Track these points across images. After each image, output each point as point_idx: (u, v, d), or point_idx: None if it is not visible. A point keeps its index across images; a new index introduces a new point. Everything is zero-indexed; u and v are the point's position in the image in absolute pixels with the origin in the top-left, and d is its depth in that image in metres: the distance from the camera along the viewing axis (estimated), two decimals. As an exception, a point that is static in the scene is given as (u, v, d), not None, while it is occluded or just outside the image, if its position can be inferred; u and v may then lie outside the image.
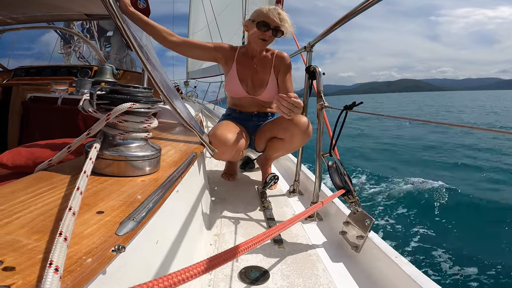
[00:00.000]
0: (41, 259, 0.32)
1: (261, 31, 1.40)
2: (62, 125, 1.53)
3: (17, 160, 0.77)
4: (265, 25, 1.39)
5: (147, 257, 0.53)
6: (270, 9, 1.39)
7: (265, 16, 1.39)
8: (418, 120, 0.93)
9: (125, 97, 0.64)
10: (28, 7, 1.60)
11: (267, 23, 1.39)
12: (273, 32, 1.41)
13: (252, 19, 1.44)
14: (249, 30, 1.47)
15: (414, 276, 0.75)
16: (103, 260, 0.35)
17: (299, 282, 0.83)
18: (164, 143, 1.03)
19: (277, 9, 1.40)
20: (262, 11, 1.41)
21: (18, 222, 0.39)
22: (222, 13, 5.86)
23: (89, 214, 0.45)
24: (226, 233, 1.12)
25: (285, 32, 1.43)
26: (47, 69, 2.37)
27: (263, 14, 1.39)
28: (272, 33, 1.41)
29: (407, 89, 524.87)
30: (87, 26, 4.24)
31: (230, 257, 0.42)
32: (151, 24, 1.29)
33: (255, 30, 1.41)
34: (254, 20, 1.42)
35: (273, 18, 1.38)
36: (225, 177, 1.78)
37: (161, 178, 0.66)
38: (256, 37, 1.43)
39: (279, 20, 1.39)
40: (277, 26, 1.40)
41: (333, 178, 1.12)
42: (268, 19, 1.38)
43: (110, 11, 0.76)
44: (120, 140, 0.65)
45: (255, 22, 1.41)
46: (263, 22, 1.39)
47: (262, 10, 1.41)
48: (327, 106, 1.28)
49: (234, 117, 1.64)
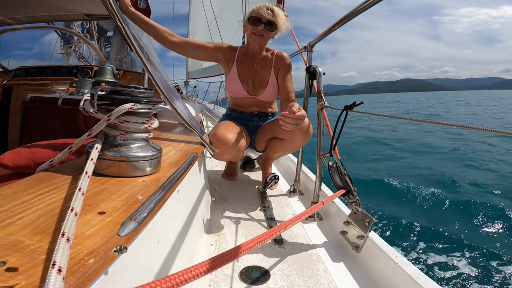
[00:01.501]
0: (44, 259, 0.32)
1: (254, 26, 1.43)
2: (62, 125, 1.53)
3: (18, 161, 0.77)
4: (256, 20, 1.42)
5: (148, 257, 0.53)
6: (261, 6, 1.43)
7: (256, 12, 1.43)
8: (418, 120, 0.92)
9: (126, 97, 0.64)
10: (28, 7, 1.60)
11: (259, 18, 1.42)
12: (266, 26, 1.43)
13: (247, 18, 1.48)
14: (246, 30, 1.51)
15: (414, 276, 0.76)
16: (105, 260, 0.36)
17: (300, 282, 0.83)
18: (165, 144, 1.03)
19: (268, 5, 1.43)
20: (254, 8, 1.45)
21: (21, 222, 0.39)
22: (222, 13, 5.85)
23: (90, 214, 0.45)
24: (227, 233, 1.12)
25: (279, 26, 1.45)
26: (47, 69, 2.37)
27: (255, 10, 1.44)
28: (264, 27, 1.43)
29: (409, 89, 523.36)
30: (87, 26, 4.23)
31: (232, 258, 0.43)
32: (152, 25, 1.29)
33: (249, 27, 1.45)
34: (249, 19, 1.45)
35: (263, 12, 1.41)
36: (225, 177, 1.78)
37: (162, 179, 0.66)
38: (250, 32, 1.46)
39: (271, 14, 1.42)
40: (269, 20, 1.42)
41: (333, 178, 1.12)
42: (258, 14, 1.42)
43: (110, 11, 0.76)
44: (121, 140, 0.65)
45: (248, 19, 1.45)
46: (254, 17, 1.43)
47: (254, 7, 1.45)
48: (328, 106, 1.28)
49: (234, 117, 1.64)
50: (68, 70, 2.36)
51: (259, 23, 1.42)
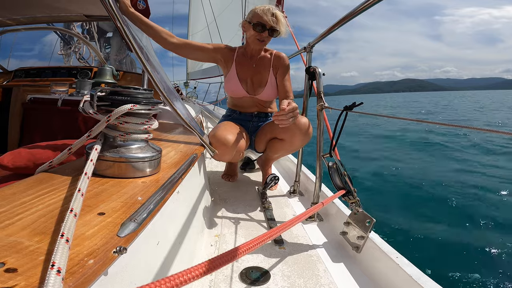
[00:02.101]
0: (43, 260, 0.32)
1: (258, 32, 1.43)
2: (62, 126, 1.53)
3: (18, 162, 0.77)
4: (261, 26, 1.42)
5: (148, 258, 0.53)
6: (264, 10, 1.41)
7: (260, 17, 1.42)
8: (417, 121, 0.92)
9: (125, 98, 0.64)
10: (28, 8, 1.60)
11: (263, 24, 1.42)
12: (270, 33, 1.44)
13: (248, 20, 1.47)
14: (246, 31, 1.50)
15: (415, 277, 0.75)
16: (105, 261, 0.36)
17: (300, 283, 0.83)
18: (165, 144, 1.03)
19: (271, 9, 1.42)
20: (257, 12, 1.43)
21: (20, 223, 0.39)
22: (222, 13, 5.86)
23: (90, 215, 0.45)
24: (227, 233, 1.12)
25: (281, 32, 1.46)
26: (47, 70, 2.37)
27: (258, 15, 1.42)
28: (268, 33, 1.44)
29: (410, 89, 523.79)
30: (87, 27, 4.23)
31: (232, 258, 0.42)
32: (151, 26, 1.29)
33: (252, 31, 1.45)
34: (251, 22, 1.45)
35: (268, 19, 1.40)
36: (225, 178, 1.78)
37: (161, 179, 0.66)
38: (254, 38, 1.47)
39: (275, 21, 1.41)
40: (273, 26, 1.42)
41: (333, 179, 1.12)
42: (263, 20, 1.41)
43: (110, 12, 0.76)
44: (120, 141, 0.65)
45: (252, 24, 1.44)
46: (259, 23, 1.42)
47: (256, 11, 1.44)
48: (327, 107, 1.28)
49: (234, 117, 1.64)
50: (67, 71, 2.36)
51: (263, 29, 1.42)
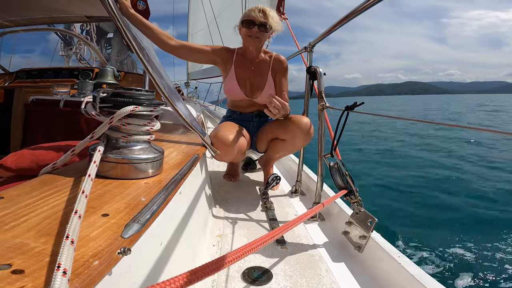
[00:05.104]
0: (49, 262, 0.33)
1: (247, 29, 1.44)
2: (64, 127, 1.54)
3: (21, 163, 0.78)
4: (249, 22, 1.43)
5: (151, 258, 0.54)
6: (252, 8, 1.44)
7: (247, 15, 1.44)
8: (417, 121, 0.92)
9: (127, 100, 0.64)
10: (28, 10, 1.60)
11: (251, 20, 1.43)
12: (259, 28, 1.44)
13: (240, 22, 1.49)
14: (240, 32, 1.52)
15: (418, 276, 0.75)
16: (110, 262, 0.36)
17: (302, 282, 0.83)
18: (167, 145, 1.04)
19: (259, 6, 1.43)
20: (246, 11, 1.46)
21: (25, 225, 0.40)
22: (222, 13, 5.85)
23: (94, 217, 0.45)
24: (229, 234, 1.12)
25: (273, 27, 1.45)
26: (48, 71, 2.37)
27: (246, 14, 1.45)
28: (258, 29, 1.44)
29: (413, 91, 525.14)
30: (87, 28, 4.24)
31: (235, 259, 0.43)
32: (150, 27, 1.29)
33: (243, 29, 1.47)
34: (242, 22, 1.46)
35: (255, 15, 1.41)
36: (227, 178, 1.78)
37: (164, 180, 0.66)
38: (245, 35, 1.48)
39: (262, 16, 1.42)
40: (262, 22, 1.42)
41: (334, 179, 1.12)
42: (251, 17, 1.43)
43: (111, 13, 0.76)
44: (123, 143, 0.65)
45: (241, 23, 1.46)
46: (247, 20, 1.44)
47: (247, 10, 1.46)
48: (328, 107, 1.28)
49: (234, 118, 1.64)
50: (69, 72, 2.37)
51: (253, 25, 1.43)
